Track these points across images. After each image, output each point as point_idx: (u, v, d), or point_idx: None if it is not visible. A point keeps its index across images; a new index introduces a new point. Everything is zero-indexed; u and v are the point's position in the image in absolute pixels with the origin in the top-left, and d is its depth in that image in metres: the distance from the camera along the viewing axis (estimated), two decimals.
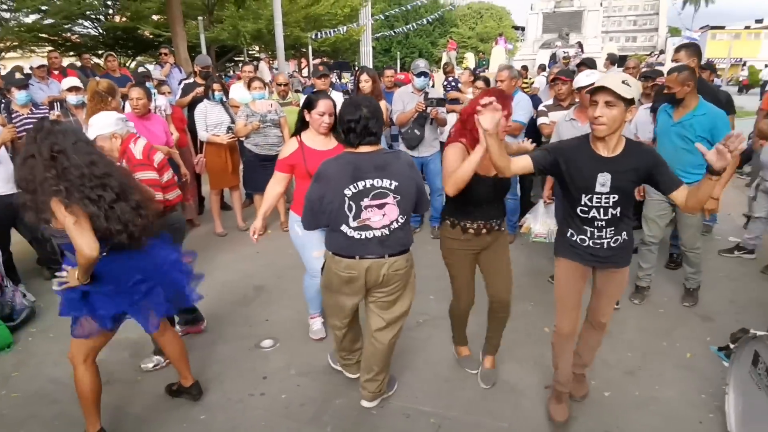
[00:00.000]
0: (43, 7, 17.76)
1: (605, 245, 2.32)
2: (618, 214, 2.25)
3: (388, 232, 2.40)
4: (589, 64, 5.17)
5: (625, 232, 2.32)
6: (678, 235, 3.84)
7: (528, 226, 3.94)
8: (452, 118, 4.90)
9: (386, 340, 2.62)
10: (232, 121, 5.16)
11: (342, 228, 2.38)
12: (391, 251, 2.43)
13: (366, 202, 2.34)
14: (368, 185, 2.33)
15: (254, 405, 2.83)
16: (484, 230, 2.67)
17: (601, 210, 2.23)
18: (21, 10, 17.45)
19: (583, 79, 3.59)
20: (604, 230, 2.29)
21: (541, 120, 4.42)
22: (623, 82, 2.04)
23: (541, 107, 4.57)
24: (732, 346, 2.68)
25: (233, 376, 3.08)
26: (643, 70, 6.18)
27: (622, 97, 2.02)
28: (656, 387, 2.88)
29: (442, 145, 5.19)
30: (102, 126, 2.87)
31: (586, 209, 2.26)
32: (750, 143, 7.04)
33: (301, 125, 3.10)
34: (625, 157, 2.16)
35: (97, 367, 2.42)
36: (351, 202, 2.33)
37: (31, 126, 3.97)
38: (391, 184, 2.36)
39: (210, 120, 5.06)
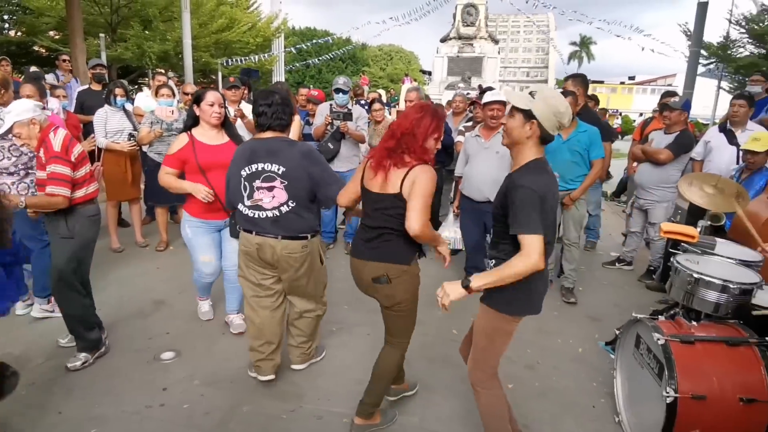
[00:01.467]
0: None
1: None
2: (494, 237, 2.14)
3: (278, 214, 2.57)
4: (490, 88, 5.67)
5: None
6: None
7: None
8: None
9: (302, 308, 2.87)
10: (135, 129, 4.88)
11: (239, 207, 2.65)
12: (284, 233, 2.59)
13: (257, 183, 2.56)
14: (259, 168, 2.55)
15: (152, 416, 2.61)
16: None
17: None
18: None
19: (488, 96, 3.93)
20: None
21: (457, 138, 4.78)
22: (530, 92, 1.95)
23: (460, 127, 4.95)
24: (617, 332, 2.96)
25: (129, 389, 2.83)
26: None
27: (519, 108, 1.93)
28: (553, 378, 3.09)
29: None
30: (20, 111, 2.70)
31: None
32: (625, 173, 7.95)
33: (192, 121, 3.15)
34: None
35: None
36: (245, 183, 2.58)
37: None
38: (279, 169, 2.54)
39: (110, 126, 4.75)
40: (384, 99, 21.10)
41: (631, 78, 60.13)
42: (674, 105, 4.62)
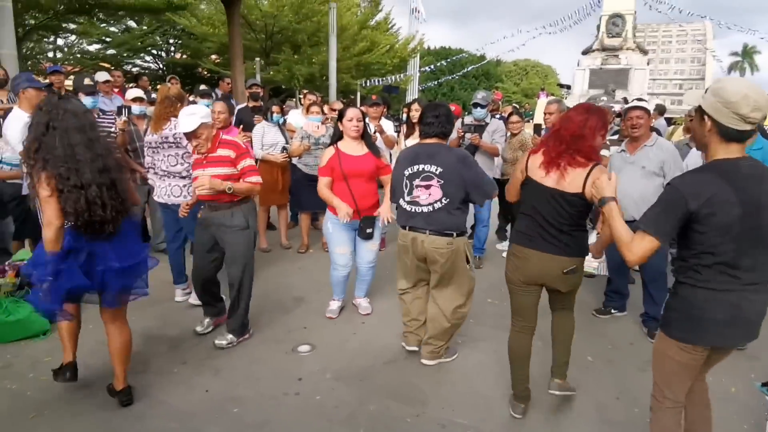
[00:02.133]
0: (107, 38, 19.26)
1: None
2: None
3: (432, 209, 2.93)
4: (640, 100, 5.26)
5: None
6: None
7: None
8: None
9: (445, 307, 3.09)
10: (287, 143, 5.41)
11: (400, 202, 3.06)
12: (432, 228, 2.92)
13: (417, 182, 2.95)
14: (420, 168, 2.94)
15: (288, 403, 2.84)
16: None
17: None
18: (84, 38, 18.86)
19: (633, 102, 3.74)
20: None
21: (602, 152, 4.51)
22: (706, 90, 1.81)
23: (605, 140, 4.68)
24: None
25: (269, 376, 3.11)
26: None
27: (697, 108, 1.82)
28: None
29: (498, 181, 5.34)
30: (205, 115, 3.15)
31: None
32: None
33: (337, 136, 3.68)
34: None
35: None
36: (407, 181, 3.00)
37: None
38: (436, 170, 2.90)
39: (266, 140, 5.32)
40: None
41: None
42: None
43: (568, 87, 28.17)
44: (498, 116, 6.11)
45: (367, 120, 5.57)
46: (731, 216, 1.68)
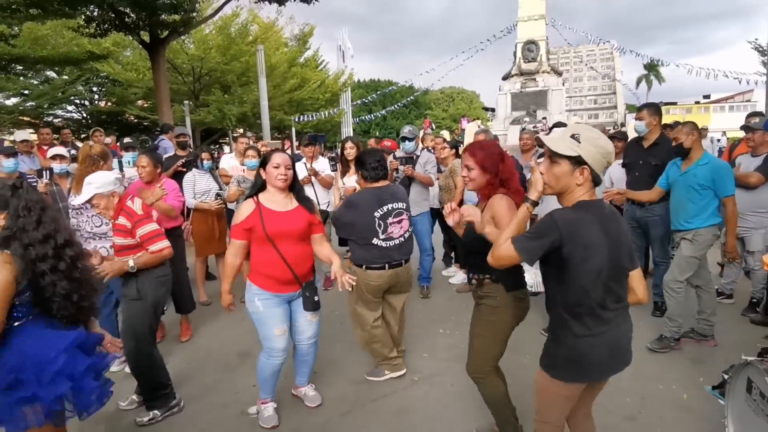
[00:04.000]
0: (25, 91, 18.23)
1: None
2: None
3: (403, 240, 3.33)
4: (560, 125, 5.55)
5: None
6: (658, 284, 3.96)
7: None
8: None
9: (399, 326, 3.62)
10: (220, 189, 5.25)
11: (374, 241, 3.23)
12: (405, 256, 3.37)
13: (390, 219, 3.26)
14: (390, 208, 3.27)
15: None
16: (475, 283, 2.58)
17: None
18: (2, 92, 17.77)
19: (556, 130, 3.88)
20: None
21: (530, 176, 4.72)
22: (572, 136, 1.76)
23: (531, 163, 4.92)
24: (725, 377, 2.68)
25: None
26: (611, 132, 6.63)
27: (564, 155, 1.76)
28: (658, 430, 2.82)
29: (436, 211, 5.51)
30: (102, 184, 2.94)
31: None
32: None
33: (258, 187, 2.89)
34: None
35: None
36: (380, 221, 3.23)
37: None
38: (403, 205, 3.35)
39: (198, 188, 5.14)
40: (448, 139, 21.39)
41: (707, 97, 56.54)
42: (756, 126, 4.37)
43: (493, 110, 29.60)
44: (428, 149, 6.28)
45: (303, 161, 5.60)
46: (602, 259, 1.71)
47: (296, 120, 23.08)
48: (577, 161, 1.74)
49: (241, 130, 22.48)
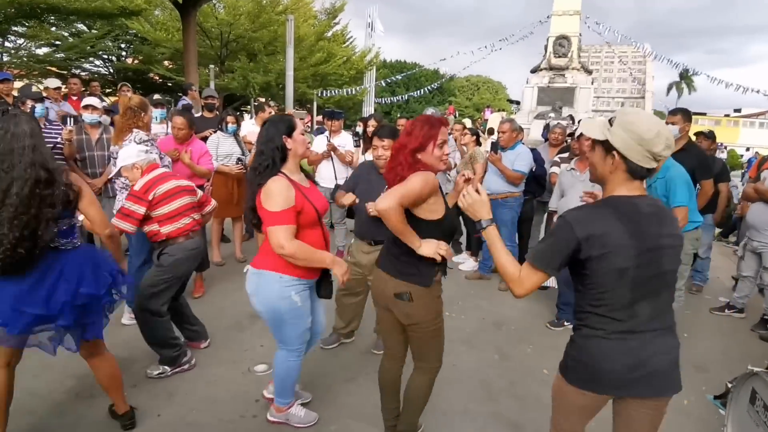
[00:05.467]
0: (56, 42, 18.42)
1: None
2: None
3: None
4: None
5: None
6: None
7: None
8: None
9: None
10: (243, 154, 5.31)
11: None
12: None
13: None
14: None
15: (245, 426, 2.76)
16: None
17: None
18: (33, 41, 17.96)
19: (582, 127, 3.84)
20: None
21: (553, 169, 4.66)
22: (609, 119, 1.66)
23: (555, 158, 4.84)
24: (729, 386, 2.70)
25: (225, 398, 3.01)
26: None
27: (598, 140, 1.66)
28: None
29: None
30: (124, 158, 3.10)
31: None
32: (735, 212, 7.33)
33: (278, 161, 2.31)
34: None
35: (13, 374, 2.34)
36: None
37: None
38: None
39: (221, 150, 5.20)
40: (470, 127, 21.21)
41: (737, 110, 55.35)
42: None
43: (518, 103, 29.23)
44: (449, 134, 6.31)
45: (326, 134, 5.63)
46: (625, 259, 1.55)
47: (318, 95, 23.03)
48: (608, 147, 1.61)
49: (264, 100, 22.52)
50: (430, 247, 2.06)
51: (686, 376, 3.43)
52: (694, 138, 6.35)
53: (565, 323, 4.15)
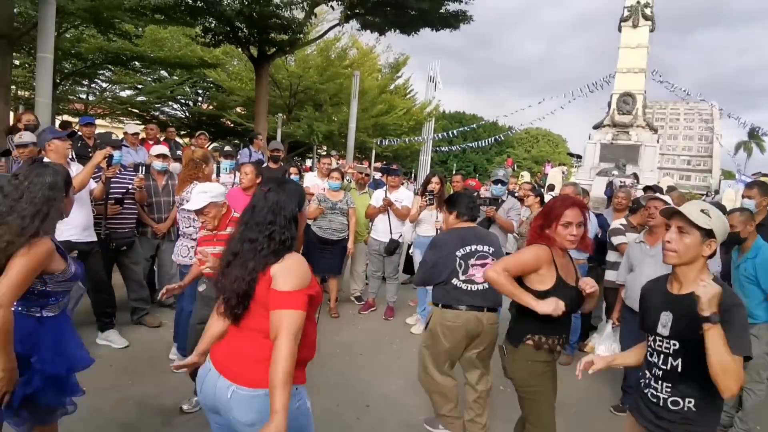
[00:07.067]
0: (139, 86, 20.13)
1: (660, 403, 1.89)
2: (679, 369, 1.83)
3: (487, 286, 2.89)
4: (655, 189, 5.24)
5: (693, 399, 1.83)
6: None
7: (592, 345, 3.76)
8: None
9: (483, 388, 3.17)
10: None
11: (453, 281, 3.09)
12: (488, 305, 3.06)
13: (472, 261, 3.10)
14: (473, 249, 3.13)
15: None
16: (558, 347, 2.41)
17: (661, 356, 1.90)
18: (119, 84, 19.70)
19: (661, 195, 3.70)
20: (660, 383, 1.90)
21: (619, 240, 4.42)
22: (702, 210, 1.83)
23: (616, 225, 4.59)
24: None
25: None
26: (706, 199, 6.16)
27: (697, 225, 1.81)
28: None
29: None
30: (217, 194, 3.11)
31: (650, 351, 1.97)
32: None
33: (294, 236, 1.86)
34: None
35: None
36: (461, 261, 3.10)
37: (117, 185, 4.33)
38: (489, 249, 3.17)
39: None
40: (528, 179, 20.88)
41: None
42: None
43: (579, 157, 28.61)
44: (513, 193, 6.20)
45: (385, 189, 5.69)
46: None
47: (377, 143, 23.59)
48: (707, 234, 1.82)
49: (326, 148, 23.35)
50: (549, 305, 2.19)
51: None
52: None
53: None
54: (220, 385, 1.71)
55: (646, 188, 5.50)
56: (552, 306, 2.19)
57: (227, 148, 6.27)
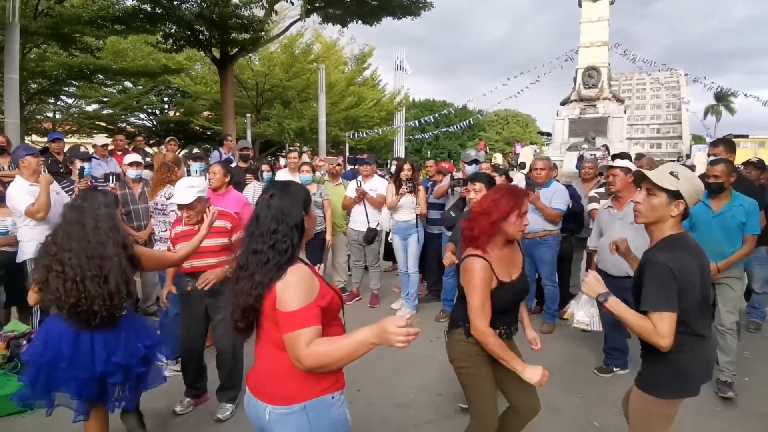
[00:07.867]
0: (104, 99, 19.81)
1: None
2: None
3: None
4: (623, 156, 5.37)
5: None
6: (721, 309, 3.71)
7: (571, 312, 3.87)
8: None
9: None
10: None
11: None
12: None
13: None
14: None
15: None
16: (505, 336, 2.38)
17: None
18: (84, 99, 19.39)
19: (619, 161, 3.81)
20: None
21: (592, 206, 4.54)
22: (671, 173, 1.95)
23: (592, 193, 4.72)
24: None
25: None
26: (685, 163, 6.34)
27: (663, 188, 1.93)
28: None
29: None
30: (203, 189, 3.11)
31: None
32: None
33: (297, 244, 1.69)
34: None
35: None
36: None
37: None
38: None
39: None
40: (501, 162, 21.08)
41: None
42: None
43: (549, 134, 29.04)
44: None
45: (359, 179, 5.72)
46: (697, 287, 1.90)
47: (350, 137, 23.54)
48: (675, 195, 1.93)
49: (298, 144, 23.19)
50: (535, 374, 2.15)
51: (750, 426, 3.23)
52: (741, 167, 6.15)
53: (615, 369, 3.95)
54: (259, 407, 1.70)
55: (614, 156, 5.63)
56: (538, 377, 2.15)
57: (195, 150, 6.22)
